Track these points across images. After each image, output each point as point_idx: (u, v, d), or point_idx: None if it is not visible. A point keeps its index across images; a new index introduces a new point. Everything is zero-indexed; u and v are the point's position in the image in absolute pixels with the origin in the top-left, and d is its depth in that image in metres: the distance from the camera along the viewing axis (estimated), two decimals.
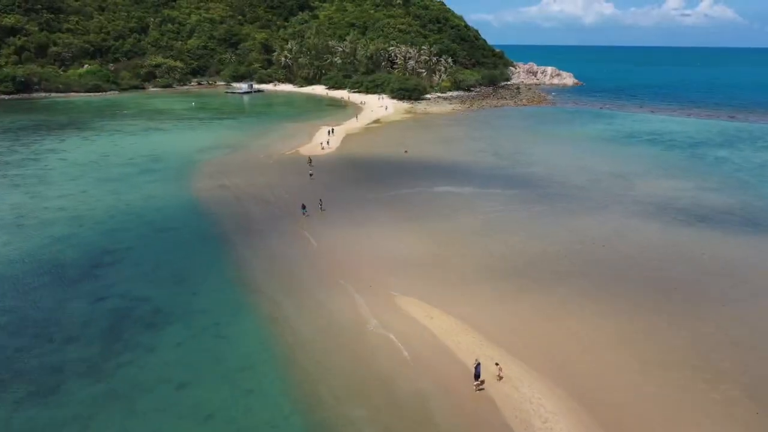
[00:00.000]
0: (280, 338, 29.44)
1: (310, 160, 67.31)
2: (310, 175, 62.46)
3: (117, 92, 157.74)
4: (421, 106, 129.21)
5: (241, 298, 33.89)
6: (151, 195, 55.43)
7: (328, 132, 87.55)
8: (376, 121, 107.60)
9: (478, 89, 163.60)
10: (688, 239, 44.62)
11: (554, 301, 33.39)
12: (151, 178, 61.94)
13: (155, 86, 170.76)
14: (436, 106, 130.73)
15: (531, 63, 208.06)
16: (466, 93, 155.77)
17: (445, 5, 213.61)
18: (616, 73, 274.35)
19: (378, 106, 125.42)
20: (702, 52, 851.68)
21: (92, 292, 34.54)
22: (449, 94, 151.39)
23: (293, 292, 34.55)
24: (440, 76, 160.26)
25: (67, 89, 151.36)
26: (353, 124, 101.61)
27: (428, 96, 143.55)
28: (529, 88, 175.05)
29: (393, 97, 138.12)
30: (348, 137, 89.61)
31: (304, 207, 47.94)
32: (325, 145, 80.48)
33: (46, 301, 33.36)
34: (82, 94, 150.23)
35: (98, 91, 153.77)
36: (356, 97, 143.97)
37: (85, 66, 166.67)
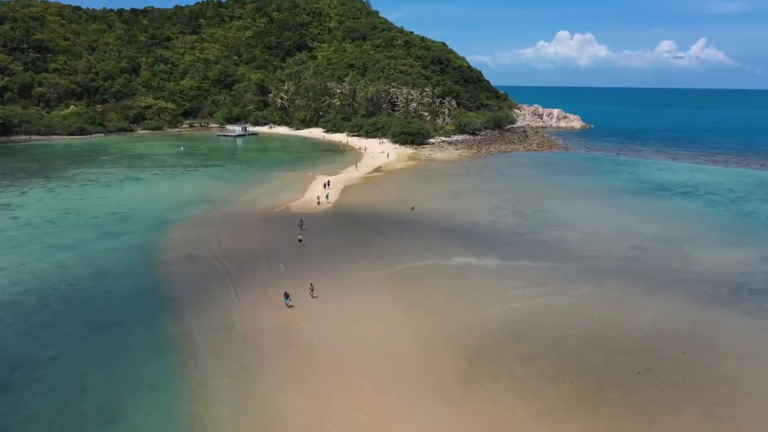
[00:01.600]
0: None
1: (302, 223, 57.17)
2: (300, 241, 52.26)
3: (103, 135, 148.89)
4: (425, 152, 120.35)
5: None
6: (103, 271, 45.06)
7: (324, 185, 77.81)
8: (377, 169, 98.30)
9: (483, 132, 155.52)
10: None
11: None
12: (111, 246, 51.62)
13: (144, 128, 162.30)
14: (441, 151, 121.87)
15: (536, 105, 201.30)
16: (472, 137, 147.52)
17: (446, 46, 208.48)
18: (621, 116, 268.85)
19: (379, 152, 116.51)
20: (698, 93, 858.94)
21: None
22: (454, 138, 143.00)
23: None
24: (444, 119, 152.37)
25: (50, 132, 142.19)
26: (352, 174, 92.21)
27: (432, 140, 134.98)
28: (537, 132, 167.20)
29: (395, 142, 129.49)
30: (346, 189, 80.00)
31: (287, 296, 37.45)
32: (323, 199, 70.81)
33: None
34: (64, 137, 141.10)
35: (82, 134, 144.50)
36: (355, 141, 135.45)
37: (71, 107, 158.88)
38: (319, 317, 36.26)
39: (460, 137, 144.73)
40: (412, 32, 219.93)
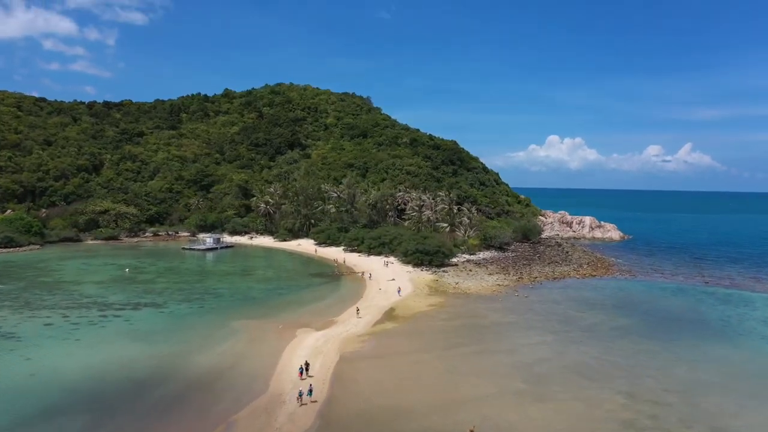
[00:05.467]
0: None
1: None
2: None
3: (39, 247, 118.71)
4: (449, 279, 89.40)
5: None
6: None
7: (301, 370, 45.30)
8: (389, 314, 66.81)
9: (512, 247, 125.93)
10: None
11: None
12: None
13: (96, 238, 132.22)
14: (470, 277, 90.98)
15: (563, 212, 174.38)
16: (500, 253, 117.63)
17: (458, 145, 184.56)
18: (644, 222, 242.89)
19: (387, 279, 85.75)
20: (693, 196, 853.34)
21: None
22: (480, 255, 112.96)
23: None
24: (466, 231, 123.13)
25: None
26: (352, 325, 60.61)
27: (454, 260, 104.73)
28: (573, 245, 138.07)
29: (406, 262, 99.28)
30: (344, 362, 48.24)
31: None
32: (304, 397, 39.12)
33: None
34: None
35: (11, 246, 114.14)
36: (354, 260, 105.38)
37: (8, 212, 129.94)
38: None
39: (487, 254, 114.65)
40: (418, 130, 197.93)
